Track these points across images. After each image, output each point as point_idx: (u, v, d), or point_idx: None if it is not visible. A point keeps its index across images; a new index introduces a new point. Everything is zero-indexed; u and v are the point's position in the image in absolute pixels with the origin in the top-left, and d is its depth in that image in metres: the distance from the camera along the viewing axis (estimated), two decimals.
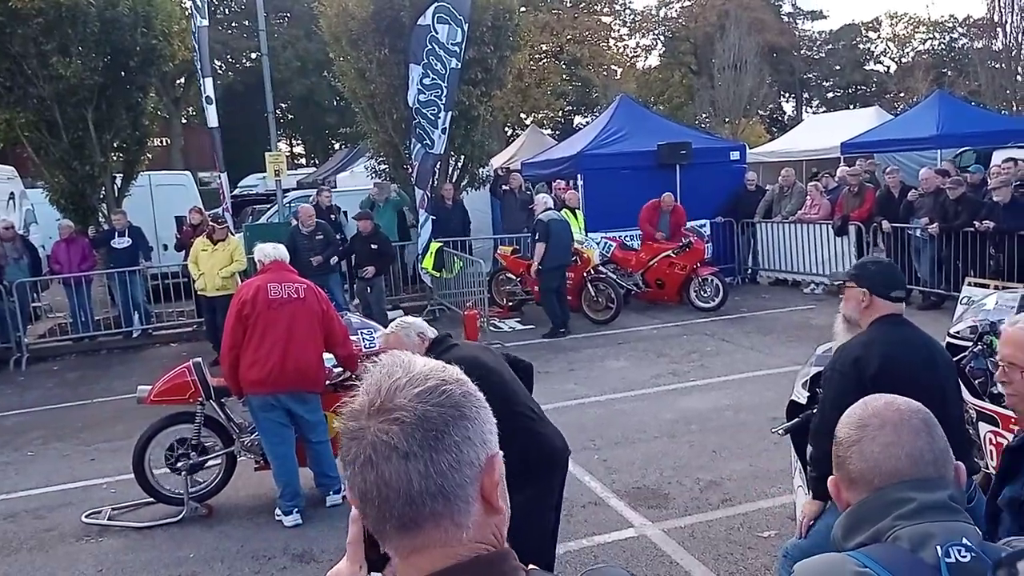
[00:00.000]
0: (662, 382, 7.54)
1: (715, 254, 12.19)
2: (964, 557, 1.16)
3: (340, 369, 5.28)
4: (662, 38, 42.17)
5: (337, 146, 35.69)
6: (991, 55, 31.37)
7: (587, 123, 28.17)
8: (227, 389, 5.02)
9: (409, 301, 11.69)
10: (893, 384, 2.66)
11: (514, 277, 11.10)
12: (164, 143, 27.19)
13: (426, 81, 10.69)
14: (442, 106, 10.73)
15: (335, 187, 15.37)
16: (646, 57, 43.67)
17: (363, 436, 0.86)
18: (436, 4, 10.52)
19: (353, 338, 5.61)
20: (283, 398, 4.79)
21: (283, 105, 34.83)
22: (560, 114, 39.21)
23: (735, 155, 13.17)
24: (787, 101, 45.33)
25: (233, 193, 15.59)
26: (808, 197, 11.84)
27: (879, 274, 2.91)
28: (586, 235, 11.21)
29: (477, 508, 0.88)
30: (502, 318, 10.87)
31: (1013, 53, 30.23)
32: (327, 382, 5.17)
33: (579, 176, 12.35)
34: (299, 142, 42.50)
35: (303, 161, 38.43)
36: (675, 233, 11.10)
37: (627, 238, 11.70)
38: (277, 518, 4.92)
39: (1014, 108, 29.24)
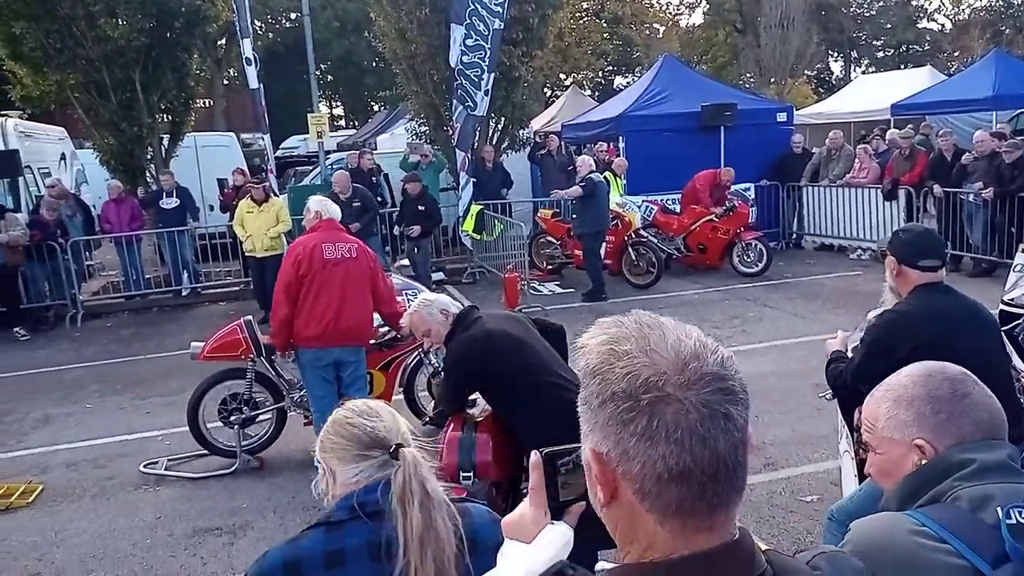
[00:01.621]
0: None
1: (759, 218, 12.01)
2: None
3: (385, 328, 5.37)
4: None
5: (376, 108, 35.69)
6: None
7: (628, 84, 27.73)
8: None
9: (451, 263, 11.77)
10: (933, 350, 2.65)
11: (554, 240, 11.09)
12: (208, 105, 27.47)
13: (469, 42, 10.60)
14: (485, 67, 10.65)
15: (375, 149, 15.43)
16: (689, 15, 42.81)
17: (683, 405, 0.80)
18: None
19: (398, 299, 5.70)
20: (335, 352, 4.90)
21: (323, 66, 34.87)
22: (600, 75, 38.60)
23: (782, 116, 12.86)
24: (835, 61, 43.91)
25: (276, 155, 15.76)
26: (857, 160, 11.55)
27: (908, 243, 2.88)
28: (626, 198, 11.11)
29: None
30: (542, 281, 10.88)
31: None
32: (372, 340, 5.26)
33: (620, 138, 12.21)
34: (338, 104, 42.57)
35: (342, 123, 38.55)
36: (720, 197, 10.95)
37: (668, 201, 11.57)
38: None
39: None
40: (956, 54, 37.74)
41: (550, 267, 11.20)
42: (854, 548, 1.26)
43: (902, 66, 33.88)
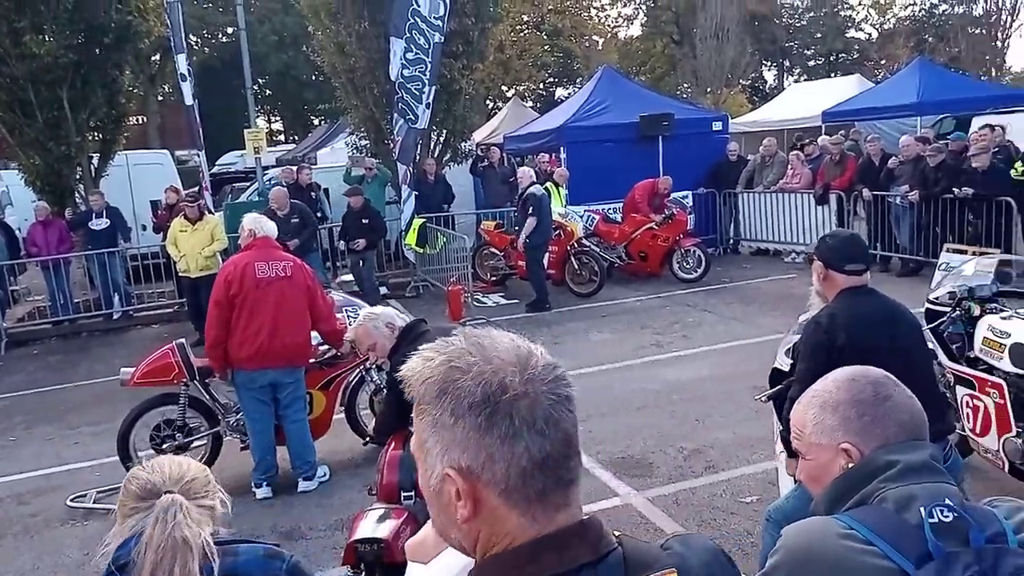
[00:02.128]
0: (645, 353, 7.59)
1: (697, 225, 12.21)
2: (947, 517, 1.19)
3: (326, 347, 5.28)
4: (643, 7, 41.78)
5: (317, 122, 35.28)
6: (971, 21, 31.43)
7: (569, 95, 27.99)
8: (211, 369, 5.01)
9: (393, 277, 11.66)
10: (858, 352, 2.72)
11: (498, 252, 11.09)
12: (141, 122, 26.77)
13: (409, 55, 10.55)
14: (426, 81, 10.61)
15: (315, 163, 15.24)
16: (628, 27, 43.35)
17: (534, 398, 0.86)
18: None
19: (337, 316, 5.61)
20: (270, 373, 4.80)
21: (260, 81, 34.32)
22: (542, 86, 38.90)
23: (717, 125, 13.15)
24: (769, 70, 45.13)
25: (212, 171, 15.42)
26: (789, 167, 11.88)
27: (833, 248, 2.97)
28: (568, 208, 11.19)
29: None
30: (486, 293, 10.87)
31: (993, 19, 30.31)
32: (311, 359, 5.17)
33: (562, 149, 12.30)
34: (278, 118, 41.93)
35: (282, 138, 37.98)
36: (659, 205, 11.10)
37: (610, 211, 11.69)
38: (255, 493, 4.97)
39: (993, 74, 29.37)
40: (883, 62, 39.21)
41: (494, 279, 11.20)
42: (785, 554, 1.27)
43: (832, 74, 35.04)
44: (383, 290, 10.51)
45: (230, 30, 32.21)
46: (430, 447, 0.89)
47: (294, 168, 12.22)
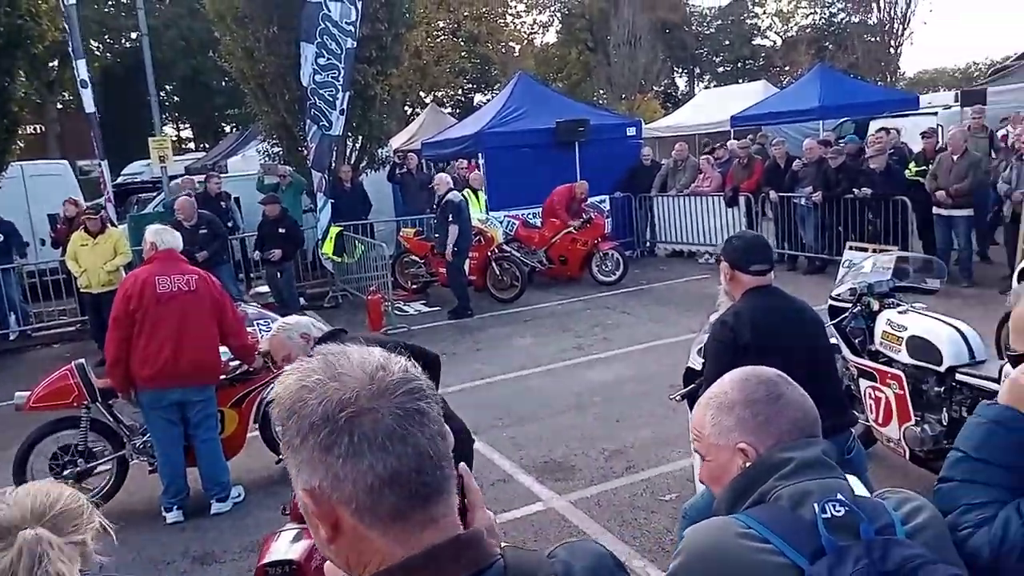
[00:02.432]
0: (567, 357, 7.65)
1: (615, 229, 12.44)
2: (838, 511, 1.22)
3: (237, 363, 5.10)
4: (558, 15, 42.40)
5: (228, 129, 34.26)
6: (867, 29, 33.16)
7: (487, 101, 28.11)
8: (114, 390, 4.77)
9: (311, 288, 11.41)
10: (764, 350, 2.81)
11: (418, 259, 11.00)
12: (38, 131, 25.38)
13: (321, 61, 10.35)
14: (339, 86, 10.43)
15: (226, 172, 14.77)
16: (543, 34, 43.82)
17: (378, 413, 0.84)
18: None
19: (249, 329, 5.44)
20: (177, 392, 4.60)
21: (167, 87, 33.09)
22: (460, 92, 38.91)
23: (631, 131, 13.42)
24: (680, 76, 46.47)
25: (116, 182, 14.75)
26: (700, 170, 12.22)
27: (738, 249, 3.07)
28: (488, 214, 11.20)
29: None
30: (407, 301, 10.76)
31: (887, 27, 32.05)
32: (222, 376, 4.98)
33: (480, 155, 12.31)
34: (186, 126, 40.50)
35: (192, 145, 36.69)
36: (576, 210, 11.24)
37: (529, 216, 11.77)
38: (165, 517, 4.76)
39: (888, 79, 31.03)
40: (787, 68, 40.90)
41: (415, 286, 11.10)
42: (687, 556, 1.28)
43: (740, 80, 36.31)
44: (301, 301, 10.27)
45: (134, 35, 30.92)
46: (290, 469, 0.89)
47: (195, 178, 11.80)
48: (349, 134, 11.92)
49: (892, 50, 32.02)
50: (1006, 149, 9.70)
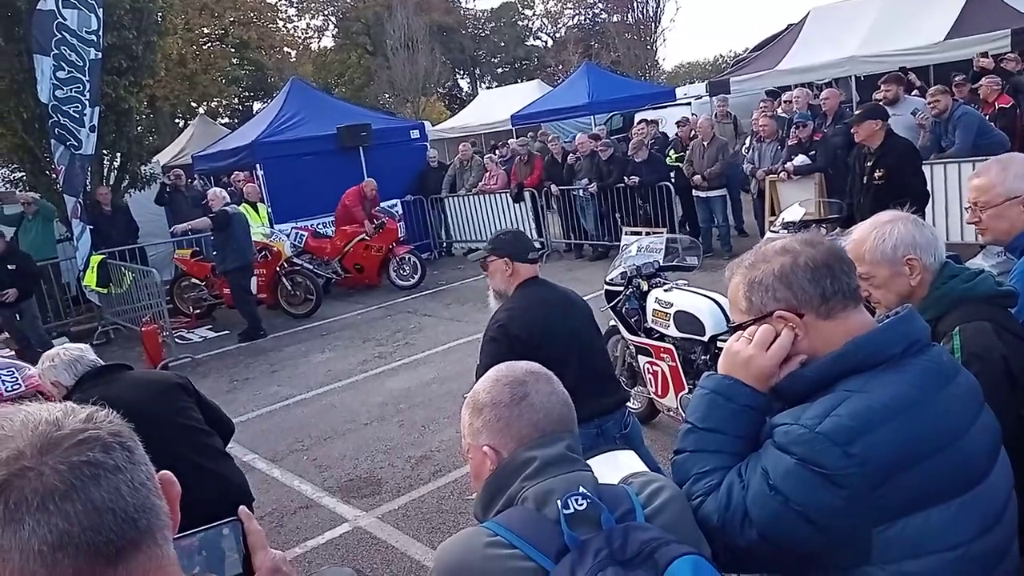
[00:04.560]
0: (369, 367, 7.49)
1: (410, 232, 12.39)
2: (580, 505, 1.23)
3: None
4: (333, 19, 41.54)
5: None
6: (627, 28, 35.70)
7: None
8: None
9: (76, 325, 10.24)
10: (538, 340, 2.90)
11: (199, 282, 10.25)
12: None
13: (60, 74, 9.26)
14: (86, 101, 9.40)
15: None
16: (320, 39, 42.74)
17: (38, 474, 0.75)
18: None
19: None
20: None
21: None
22: (237, 101, 36.93)
23: (415, 133, 13.42)
24: (462, 78, 47.41)
25: None
26: (486, 169, 12.49)
27: (513, 243, 3.18)
28: (272, 228, 10.69)
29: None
30: (190, 328, 10.01)
31: (643, 26, 34.72)
32: None
33: (258, 166, 11.70)
34: None
35: None
36: (369, 213, 11.04)
37: (319, 226, 11.39)
38: None
39: (649, 74, 33.66)
40: (559, 67, 43.08)
41: (198, 311, 10.33)
42: (438, 574, 1.25)
43: (518, 80, 37.73)
44: (62, 340, 9.16)
45: None
46: None
47: None
48: (105, 152, 10.85)
49: (649, 47, 34.74)
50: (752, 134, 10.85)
